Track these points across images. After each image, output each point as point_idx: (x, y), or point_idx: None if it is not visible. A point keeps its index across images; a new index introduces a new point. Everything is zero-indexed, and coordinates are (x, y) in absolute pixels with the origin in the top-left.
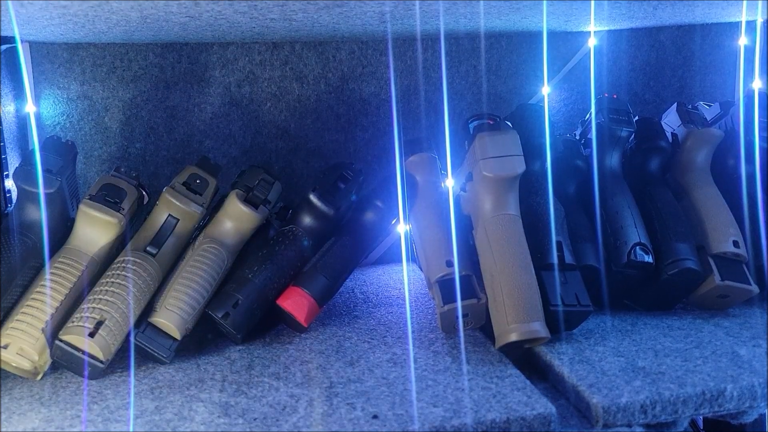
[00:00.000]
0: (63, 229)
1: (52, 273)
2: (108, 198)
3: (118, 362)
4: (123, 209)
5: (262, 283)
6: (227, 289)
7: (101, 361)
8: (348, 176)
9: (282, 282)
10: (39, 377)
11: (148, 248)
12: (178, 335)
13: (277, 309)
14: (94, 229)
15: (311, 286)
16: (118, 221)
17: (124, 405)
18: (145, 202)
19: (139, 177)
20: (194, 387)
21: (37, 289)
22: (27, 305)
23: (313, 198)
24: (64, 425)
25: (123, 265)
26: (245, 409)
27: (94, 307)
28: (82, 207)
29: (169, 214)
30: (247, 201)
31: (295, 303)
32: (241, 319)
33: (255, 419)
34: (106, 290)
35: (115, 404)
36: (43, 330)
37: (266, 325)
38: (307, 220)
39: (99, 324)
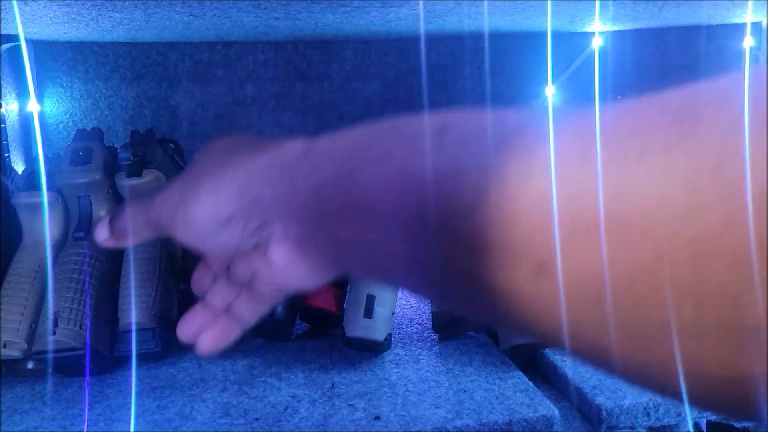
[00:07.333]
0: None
1: (15, 267)
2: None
3: (119, 362)
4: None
5: None
6: None
7: (78, 349)
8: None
9: None
10: (30, 365)
11: (74, 234)
12: (151, 324)
13: (306, 313)
14: (35, 216)
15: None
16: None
17: (126, 404)
18: None
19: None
20: (196, 387)
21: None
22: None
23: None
24: (66, 424)
25: (61, 259)
26: (246, 409)
27: (47, 308)
28: (13, 200)
29: (77, 196)
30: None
31: (322, 298)
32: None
33: (256, 419)
34: (55, 287)
35: (116, 403)
36: (22, 317)
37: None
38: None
39: (55, 320)
